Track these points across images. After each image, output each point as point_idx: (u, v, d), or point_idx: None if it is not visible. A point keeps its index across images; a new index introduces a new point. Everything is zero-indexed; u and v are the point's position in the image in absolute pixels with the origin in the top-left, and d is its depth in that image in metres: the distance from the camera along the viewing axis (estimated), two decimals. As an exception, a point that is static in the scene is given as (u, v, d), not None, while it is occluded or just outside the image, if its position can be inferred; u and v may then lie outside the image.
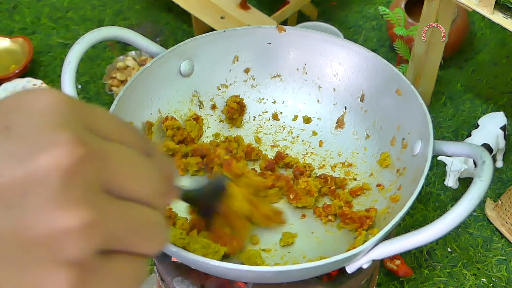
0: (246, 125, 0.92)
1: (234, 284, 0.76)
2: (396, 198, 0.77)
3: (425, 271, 1.10)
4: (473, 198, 0.62)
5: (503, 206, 1.14)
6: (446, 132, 1.30)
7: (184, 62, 0.88)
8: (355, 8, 1.56)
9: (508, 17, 1.00)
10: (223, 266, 0.64)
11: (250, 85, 0.93)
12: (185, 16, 1.47)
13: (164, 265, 0.77)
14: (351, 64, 0.88)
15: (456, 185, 1.14)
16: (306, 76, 0.92)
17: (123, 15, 1.55)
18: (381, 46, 1.47)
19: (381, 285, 1.08)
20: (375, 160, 0.85)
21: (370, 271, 0.77)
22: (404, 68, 1.28)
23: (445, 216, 0.62)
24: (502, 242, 1.14)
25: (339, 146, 0.89)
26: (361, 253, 0.67)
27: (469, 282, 1.09)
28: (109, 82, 1.34)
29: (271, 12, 1.39)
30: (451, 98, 1.36)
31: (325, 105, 0.91)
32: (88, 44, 0.82)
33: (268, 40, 0.91)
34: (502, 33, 1.48)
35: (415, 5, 1.35)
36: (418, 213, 1.17)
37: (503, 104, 1.35)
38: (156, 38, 1.48)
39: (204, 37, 0.88)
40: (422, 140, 0.77)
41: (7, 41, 1.43)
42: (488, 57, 1.45)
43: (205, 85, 0.91)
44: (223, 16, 1.34)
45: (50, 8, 1.56)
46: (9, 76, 1.34)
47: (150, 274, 1.06)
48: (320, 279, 0.74)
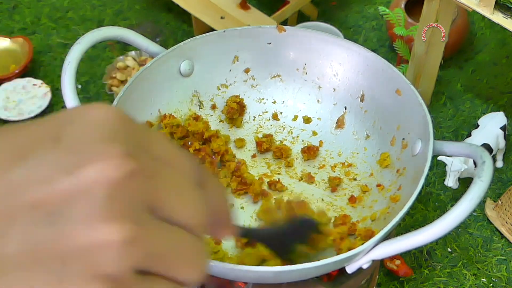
0: (246, 125, 0.92)
1: (234, 284, 0.76)
2: (396, 198, 0.77)
3: (425, 271, 1.10)
4: (473, 198, 0.62)
5: (503, 206, 1.14)
6: (446, 132, 1.30)
7: (184, 62, 0.88)
8: (355, 8, 1.56)
9: (508, 17, 1.00)
10: (223, 266, 0.64)
11: (250, 85, 0.93)
12: (185, 16, 1.47)
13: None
14: (351, 64, 0.88)
15: (456, 185, 1.14)
16: (306, 76, 0.92)
17: (123, 15, 1.55)
18: (381, 46, 1.47)
19: (381, 285, 1.08)
20: (375, 160, 0.85)
21: (370, 271, 0.77)
22: (404, 68, 1.28)
23: (445, 216, 0.62)
24: (502, 242, 1.14)
25: (339, 146, 0.89)
26: (361, 253, 0.67)
27: (469, 282, 1.09)
28: (109, 82, 1.34)
29: (271, 12, 1.39)
30: (451, 98, 1.36)
31: (325, 105, 0.91)
32: (88, 44, 0.82)
33: (268, 40, 0.91)
34: (502, 33, 1.48)
35: (415, 5, 1.35)
36: (418, 213, 1.17)
37: (503, 104, 1.35)
38: (156, 38, 1.47)
39: (204, 37, 0.88)
40: (422, 140, 0.77)
41: (7, 41, 1.42)
42: (488, 57, 1.45)
43: (205, 85, 0.91)
44: (223, 16, 1.34)
45: (50, 8, 1.56)
46: (9, 76, 1.34)
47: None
48: (320, 279, 0.74)
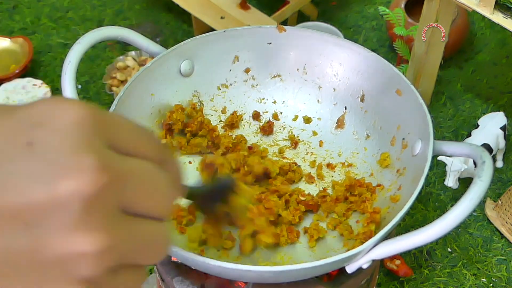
0: (246, 125, 0.92)
1: (234, 284, 0.76)
2: (396, 198, 0.77)
3: (425, 271, 1.10)
4: (473, 198, 0.62)
5: (503, 206, 1.14)
6: (446, 132, 1.30)
7: (184, 62, 0.88)
8: (355, 8, 1.56)
9: (508, 17, 1.00)
10: (223, 266, 0.64)
11: (250, 85, 0.93)
12: (185, 16, 1.47)
13: (164, 265, 0.77)
14: (351, 64, 0.88)
15: (456, 185, 1.14)
16: (306, 76, 0.92)
17: (123, 15, 1.55)
18: (381, 46, 1.47)
19: (381, 285, 1.08)
20: (375, 160, 0.85)
21: (370, 271, 0.77)
22: (404, 68, 1.28)
23: (445, 216, 0.62)
24: (502, 242, 1.14)
25: (339, 146, 0.89)
26: (361, 253, 0.67)
27: (469, 282, 1.09)
28: (109, 82, 1.34)
29: (271, 12, 1.39)
30: (451, 98, 1.36)
31: (325, 105, 0.91)
32: (88, 44, 0.82)
33: (268, 40, 0.91)
34: (502, 33, 1.48)
35: (415, 5, 1.35)
36: (418, 213, 1.17)
37: (503, 104, 1.35)
38: (156, 38, 1.47)
39: (204, 37, 0.88)
40: (422, 140, 0.77)
41: (7, 41, 1.43)
42: (488, 57, 1.45)
43: (205, 85, 0.91)
44: (223, 16, 1.34)
45: (50, 8, 1.56)
46: (9, 76, 1.34)
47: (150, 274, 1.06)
48: (320, 279, 0.74)
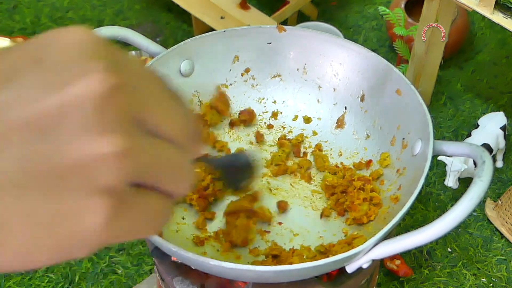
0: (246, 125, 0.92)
1: (234, 284, 0.76)
2: (396, 198, 0.77)
3: (425, 271, 1.10)
4: (473, 198, 0.62)
5: (503, 206, 1.14)
6: (446, 132, 1.30)
7: (184, 62, 0.88)
8: (355, 8, 1.56)
9: (508, 17, 1.00)
10: (223, 265, 0.64)
11: (250, 85, 0.93)
12: (185, 16, 1.47)
13: (164, 265, 0.77)
14: (351, 64, 0.88)
15: (456, 185, 1.14)
16: (306, 76, 0.92)
17: (123, 15, 1.55)
18: (381, 46, 1.47)
19: (381, 285, 1.08)
20: (375, 160, 0.85)
21: (370, 271, 0.77)
22: (404, 68, 1.28)
23: (445, 216, 0.62)
24: (502, 242, 1.14)
25: (339, 146, 0.89)
26: (361, 253, 0.67)
27: (469, 282, 1.09)
28: (109, 82, 1.34)
29: (271, 12, 1.39)
30: (451, 98, 1.36)
31: (325, 105, 0.91)
32: (88, 44, 0.82)
33: (268, 40, 0.91)
34: (502, 33, 1.48)
35: (415, 5, 1.35)
36: (418, 213, 1.17)
37: (503, 104, 1.35)
38: (156, 38, 1.47)
39: (204, 37, 0.88)
40: (422, 140, 0.77)
41: (7, 41, 1.42)
42: (488, 57, 1.45)
43: (205, 85, 0.91)
44: (223, 16, 1.34)
45: (50, 8, 1.56)
46: (9, 76, 1.34)
47: (150, 274, 1.06)
48: (320, 279, 0.74)
